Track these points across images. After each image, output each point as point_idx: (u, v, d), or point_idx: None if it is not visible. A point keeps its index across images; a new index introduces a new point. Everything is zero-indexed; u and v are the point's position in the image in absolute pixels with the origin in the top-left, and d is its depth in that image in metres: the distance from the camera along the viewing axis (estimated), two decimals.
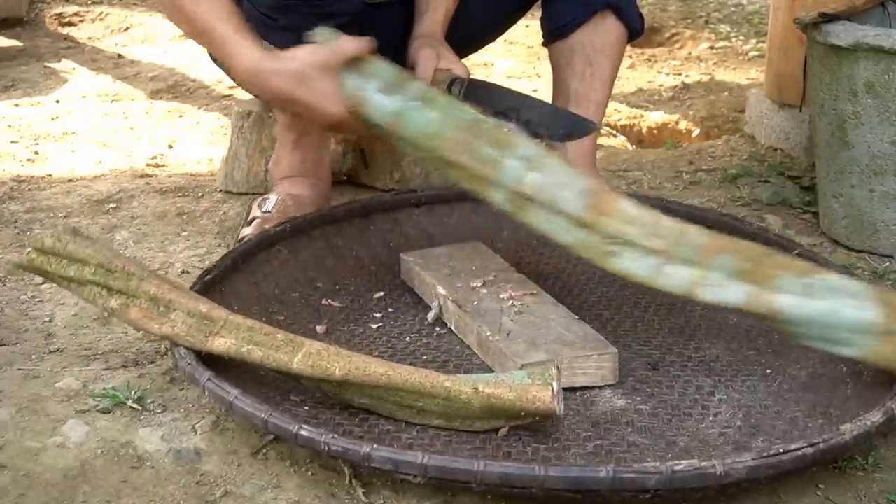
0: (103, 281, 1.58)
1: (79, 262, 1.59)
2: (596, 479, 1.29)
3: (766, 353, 1.69)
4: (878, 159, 2.07)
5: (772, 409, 1.56)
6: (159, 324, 1.55)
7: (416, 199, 2.05)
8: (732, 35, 4.03)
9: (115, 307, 1.58)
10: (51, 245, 1.60)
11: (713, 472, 1.30)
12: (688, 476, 1.29)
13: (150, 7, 4.13)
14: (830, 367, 1.62)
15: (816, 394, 1.58)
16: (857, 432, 1.38)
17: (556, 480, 1.29)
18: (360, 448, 1.34)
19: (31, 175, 2.56)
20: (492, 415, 1.44)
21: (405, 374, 1.45)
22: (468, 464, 1.31)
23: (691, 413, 1.54)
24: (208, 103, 3.14)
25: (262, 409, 1.40)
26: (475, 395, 1.42)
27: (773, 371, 1.65)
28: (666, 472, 1.29)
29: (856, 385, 1.57)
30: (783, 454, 1.33)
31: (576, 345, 1.61)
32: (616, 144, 3.05)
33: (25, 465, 1.43)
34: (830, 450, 1.36)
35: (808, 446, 1.35)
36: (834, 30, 2.04)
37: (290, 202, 2.11)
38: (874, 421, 1.41)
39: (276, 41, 1.97)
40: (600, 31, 2.15)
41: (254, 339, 1.51)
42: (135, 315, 1.56)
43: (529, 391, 1.42)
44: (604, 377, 1.59)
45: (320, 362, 1.47)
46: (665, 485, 1.29)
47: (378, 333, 1.77)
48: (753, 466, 1.31)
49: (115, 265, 1.57)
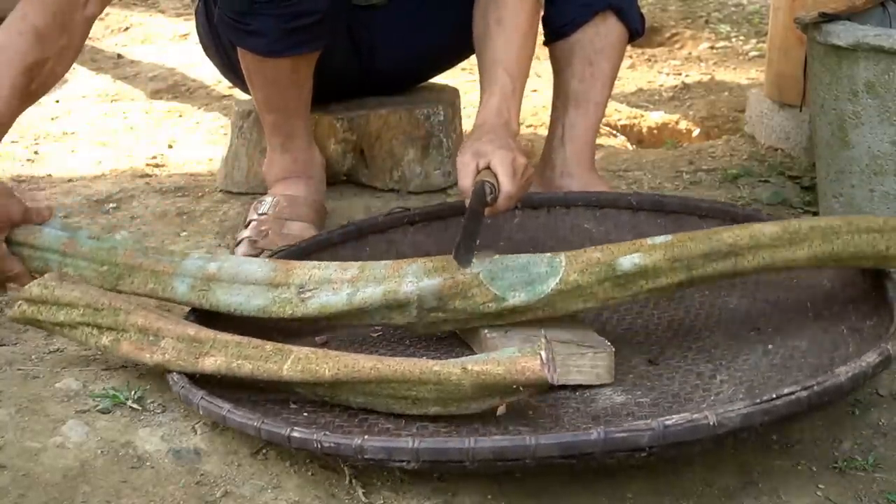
0: (92, 320, 1.60)
1: (67, 306, 1.62)
2: (588, 441, 1.27)
3: (766, 332, 1.68)
4: (878, 159, 2.07)
5: (774, 378, 1.54)
6: (150, 353, 1.57)
7: (409, 217, 2.01)
8: (732, 35, 4.03)
9: (106, 344, 1.61)
10: (38, 293, 1.63)
11: (706, 422, 1.27)
12: (680, 429, 1.27)
13: (149, 7, 4.13)
14: (832, 331, 1.61)
15: (819, 357, 1.57)
16: (853, 373, 1.35)
17: (549, 448, 1.28)
18: (352, 441, 1.33)
19: (31, 175, 2.56)
20: (484, 392, 1.43)
21: (393, 365, 1.46)
22: (460, 442, 1.30)
23: (692, 398, 1.54)
24: (208, 103, 3.14)
25: (254, 417, 1.41)
26: (465, 375, 1.42)
27: (775, 346, 1.64)
28: (658, 427, 1.27)
29: (856, 341, 1.56)
30: (776, 399, 1.30)
31: (571, 343, 1.61)
32: (616, 144, 3.05)
33: (25, 465, 1.43)
34: (825, 392, 1.33)
35: (802, 389, 1.31)
36: (834, 30, 2.04)
37: (284, 203, 2.11)
38: (869, 361, 1.38)
39: (249, 45, 1.97)
40: (601, 32, 2.15)
41: (243, 353, 1.52)
42: (126, 348, 1.59)
43: (518, 362, 1.40)
44: (599, 376, 1.58)
45: (309, 366, 1.48)
46: (658, 440, 1.27)
47: (378, 340, 1.77)
48: (747, 414, 1.28)
49: (102, 303, 1.60)
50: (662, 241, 1.60)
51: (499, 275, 1.61)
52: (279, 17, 1.89)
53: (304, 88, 2.08)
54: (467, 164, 1.75)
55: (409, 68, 2.35)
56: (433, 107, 2.37)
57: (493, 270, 1.62)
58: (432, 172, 2.38)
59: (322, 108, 2.34)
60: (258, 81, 2.06)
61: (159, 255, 1.73)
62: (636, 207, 1.97)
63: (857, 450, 1.48)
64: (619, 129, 3.19)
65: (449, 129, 2.39)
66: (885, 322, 1.55)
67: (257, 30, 1.91)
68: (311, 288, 1.64)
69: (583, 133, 2.16)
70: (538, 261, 1.61)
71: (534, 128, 2.99)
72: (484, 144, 1.77)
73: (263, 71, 2.01)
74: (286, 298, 1.65)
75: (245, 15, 1.91)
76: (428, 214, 2.01)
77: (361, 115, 2.35)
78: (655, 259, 1.58)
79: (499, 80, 1.88)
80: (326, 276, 1.66)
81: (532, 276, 1.61)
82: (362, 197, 2.36)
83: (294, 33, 1.92)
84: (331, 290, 1.64)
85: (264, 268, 1.68)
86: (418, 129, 2.36)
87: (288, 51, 1.96)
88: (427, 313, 1.63)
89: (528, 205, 1.98)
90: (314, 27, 1.93)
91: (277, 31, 1.91)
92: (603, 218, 1.99)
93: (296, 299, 1.65)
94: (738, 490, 1.41)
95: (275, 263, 1.70)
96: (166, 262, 1.71)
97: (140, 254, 1.73)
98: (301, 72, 2.03)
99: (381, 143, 2.36)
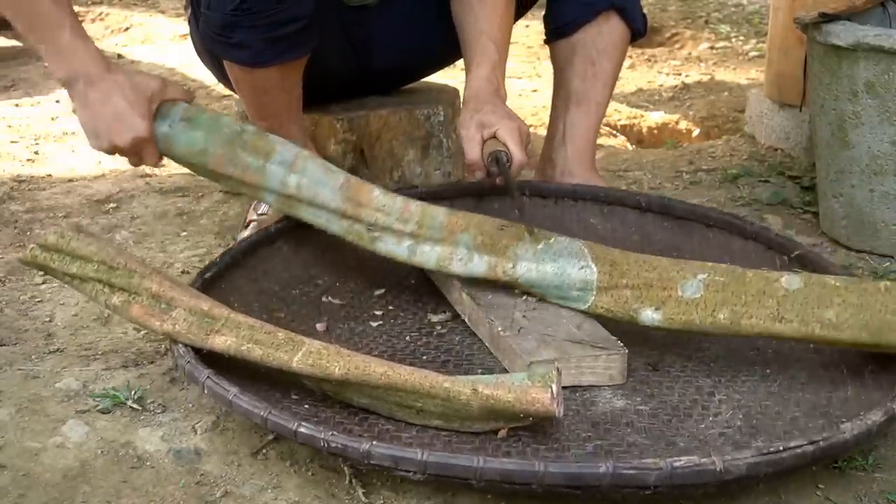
0: (105, 278, 1.58)
1: (81, 259, 1.60)
2: (596, 474, 1.29)
3: (765, 353, 1.69)
4: (878, 159, 2.07)
5: (772, 409, 1.55)
6: (160, 321, 1.55)
7: (417, 195, 2.03)
8: (732, 35, 4.03)
9: (116, 304, 1.58)
10: (54, 242, 1.60)
11: (713, 468, 1.29)
12: (688, 472, 1.29)
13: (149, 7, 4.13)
14: (831, 368, 1.62)
15: (816, 394, 1.58)
16: (858, 431, 1.38)
17: (556, 476, 1.29)
18: (359, 445, 1.33)
19: (31, 175, 2.56)
20: (491, 416, 1.44)
21: (405, 375, 1.45)
22: (468, 460, 1.31)
23: (691, 413, 1.54)
24: (208, 103, 3.14)
25: (262, 406, 1.40)
26: (474, 396, 1.42)
27: (773, 371, 1.65)
28: (666, 468, 1.28)
29: (856, 386, 1.57)
30: (783, 451, 1.32)
31: (585, 343, 1.61)
32: (616, 144, 3.05)
33: (25, 465, 1.43)
34: (831, 448, 1.36)
35: (809, 444, 1.34)
36: (834, 30, 2.04)
37: None
38: (875, 420, 1.40)
39: (235, 58, 1.95)
40: (603, 32, 2.14)
41: (254, 337, 1.51)
42: (136, 312, 1.57)
43: (528, 393, 1.41)
44: (612, 377, 1.59)
45: (320, 361, 1.47)
46: (665, 481, 1.28)
47: (378, 332, 1.77)
48: (753, 463, 1.31)
49: (118, 262, 1.58)
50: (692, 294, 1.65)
51: (536, 284, 1.72)
52: (262, 27, 1.85)
53: (295, 92, 2.05)
54: (473, 136, 1.85)
55: (407, 65, 2.35)
56: (433, 107, 2.37)
57: (531, 280, 1.73)
58: (432, 172, 2.38)
59: (322, 109, 2.34)
60: (248, 91, 2.03)
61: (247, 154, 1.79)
62: (644, 208, 1.97)
63: (857, 450, 1.48)
64: (619, 129, 3.19)
65: (449, 129, 2.39)
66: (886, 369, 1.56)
67: (241, 42, 1.88)
68: (378, 230, 1.77)
69: (584, 132, 2.16)
70: (572, 281, 1.71)
71: (534, 128, 2.99)
72: (486, 115, 1.86)
73: (252, 81, 1.98)
74: (358, 231, 1.78)
75: (227, 28, 1.88)
76: (434, 194, 2.01)
77: (361, 115, 2.35)
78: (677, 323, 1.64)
79: (486, 49, 1.95)
80: (389, 223, 1.77)
81: (565, 295, 1.71)
82: None
83: (279, 41, 1.89)
84: (394, 239, 1.77)
85: (336, 196, 1.78)
86: (418, 129, 2.36)
87: (275, 59, 1.92)
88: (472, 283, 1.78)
89: (537, 193, 1.98)
90: (299, 33, 1.90)
91: (262, 41, 1.88)
92: (610, 215, 1.99)
93: (367, 236, 1.78)
94: (738, 490, 1.40)
95: (345, 192, 1.78)
96: (253, 171, 1.78)
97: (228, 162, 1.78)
98: (290, 77, 2.00)
99: (382, 143, 2.36)
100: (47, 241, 1.61)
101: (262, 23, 1.85)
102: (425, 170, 2.38)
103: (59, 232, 1.62)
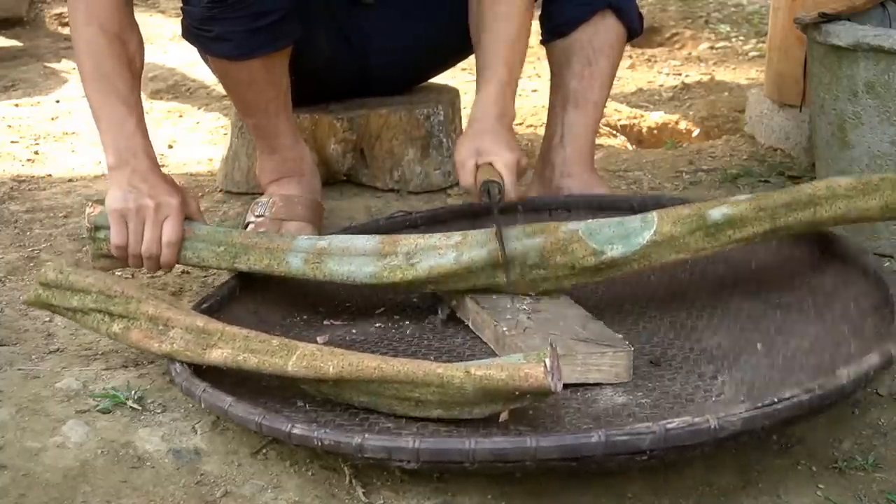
0: (104, 307, 1.63)
1: (81, 293, 1.64)
2: (589, 444, 1.27)
3: (768, 333, 1.68)
4: (878, 159, 2.07)
5: (776, 379, 1.53)
6: (159, 342, 1.58)
7: (411, 220, 2.00)
8: (732, 35, 4.03)
9: (117, 332, 1.63)
10: (54, 278, 1.66)
11: (707, 426, 1.27)
12: (682, 433, 1.27)
13: (149, 7, 4.14)
14: (833, 332, 1.60)
15: (820, 357, 1.56)
16: (855, 375, 1.34)
17: (549, 450, 1.27)
18: (352, 439, 1.33)
19: (31, 175, 2.56)
20: (487, 397, 1.43)
21: (397, 366, 1.46)
22: (460, 443, 1.30)
23: (693, 398, 1.53)
24: (208, 103, 3.14)
25: (256, 412, 1.41)
26: (467, 379, 1.42)
27: (777, 347, 1.63)
28: (659, 430, 1.26)
29: (858, 341, 1.54)
30: (778, 402, 1.29)
31: (591, 341, 1.61)
32: (616, 144, 3.05)
33: (25, 465, 1.43)
34: (828, 395, 1.31)
35: (804, 392, 1.30)
36: (834, 30, 2.04)
37: (280, 203, 2.10)
38: (871, 364, 1.36)
39: (216, 52, 1.95)
40: (600, 31, 2.14)
41: (249, 346, 1.53)
42: (136, 336, 1.61)
43: (521, 369, 1.40)
44: (618, 374, 1.58)
45: (314, 362, 1.48)
46: (659, 444, 1.26)
47: (379, 336, 1.77)
48: (748, 417, 1.28)
49: (115, 290, 1.63)
50: (747, 196, 1.71)
51: (596, 230, 1.71)
52: (241, 18, 1.85)
53: (281, 86, 2.03)
54: (465, 163, 1.82)
55: (405, 66, 2.35)
56: (433, 107, 2.38)
57: (590, 226, 1.71)
58: (432, 172, 2.38)
59: (322, 108, 2.34)
60: (233, 86, 2.02)
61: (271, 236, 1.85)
62: (637, 210, 1.96)
63: (857, 450, 1.48)
64: (619, 129, 3.19)
65: (449, 129, 2.39)
66: (886, 320, 1.54)
67: (221, 35, 1.87)
68: (418, 254, 1.74)
69: (582, 133, 2.16)
70: (632, 218, 1.71)
71: (534, 128, 2.99)
72: (485, 143, 1.83)
73: (236, 75, 1.97)
74: (395, 265, 1.74)
75: (206, 21, 1.87)
76: (428, 218, 2.01)
77: (361, 114, 2.35)
78: (742, 209, 1.67)
79: (496, 67, 1.92)
80: (431, 244, 1.74)
81: (627, 230, 1.69)
82: (362, 197, 2.36)
83: (259, 33, 1.88)
84: (437, 254, 1.73)
85: (372, 241, 1.77)
86: (418, 129, 2.36)
87: (256, 51, 1.91)
88: (529, 270, 1.72)
89: (530, 208, 1.97)
90: (279, 24, 1.88)
91: (241, 33, 1.87)
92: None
93: (405, 265, 1.74)
94: (738, 490, 1.41)
95: (381, 237, 1.78)
96: (279, 240, 1.80)
97: (254, 235, 1.84)
98: (275, 70, 1.98)
99: (381, 142, 2.36)
100: (47, 277, 1.67)
101: (239, 15, 1.85)
102: (425, 170, 2.38)
103: (56, 267, 1.67)
